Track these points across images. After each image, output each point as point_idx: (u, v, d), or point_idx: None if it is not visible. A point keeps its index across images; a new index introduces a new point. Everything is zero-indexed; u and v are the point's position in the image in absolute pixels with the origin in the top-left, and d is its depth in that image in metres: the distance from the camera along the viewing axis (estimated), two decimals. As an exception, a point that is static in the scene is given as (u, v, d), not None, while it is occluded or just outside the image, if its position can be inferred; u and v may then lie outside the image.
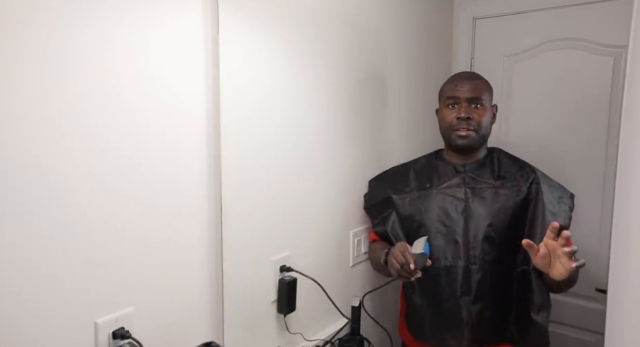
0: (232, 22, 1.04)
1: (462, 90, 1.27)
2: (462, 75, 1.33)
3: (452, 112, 1.28)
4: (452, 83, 1.31)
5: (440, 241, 1.27)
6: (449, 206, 1.29)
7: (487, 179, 1.29)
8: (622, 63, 1.64)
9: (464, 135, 1.26)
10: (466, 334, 1.25)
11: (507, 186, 1.27)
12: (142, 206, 0.90)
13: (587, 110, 1.72)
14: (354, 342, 1.35)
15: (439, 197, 1.31)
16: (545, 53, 1.80)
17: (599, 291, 1.71)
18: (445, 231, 1.28)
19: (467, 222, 1.26)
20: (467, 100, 1.26)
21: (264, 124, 1.15)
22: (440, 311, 1.29)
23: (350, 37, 1.41)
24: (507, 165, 1.32)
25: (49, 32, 0.75)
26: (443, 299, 1.28)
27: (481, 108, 1.27)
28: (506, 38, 1.89)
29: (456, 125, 1.27)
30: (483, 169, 1.31)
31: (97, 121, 0.82)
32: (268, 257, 1.19)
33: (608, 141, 1.68)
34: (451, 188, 1.31)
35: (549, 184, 1.29)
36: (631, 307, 0.68)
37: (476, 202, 1.27)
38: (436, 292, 1.29)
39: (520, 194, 1.26)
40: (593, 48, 1.70)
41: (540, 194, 1.25)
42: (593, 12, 1.69)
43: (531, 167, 1.32)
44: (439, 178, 1.34)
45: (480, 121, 1.26)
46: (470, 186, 1.29)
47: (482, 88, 1.28)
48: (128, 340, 0.87)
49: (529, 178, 1.28)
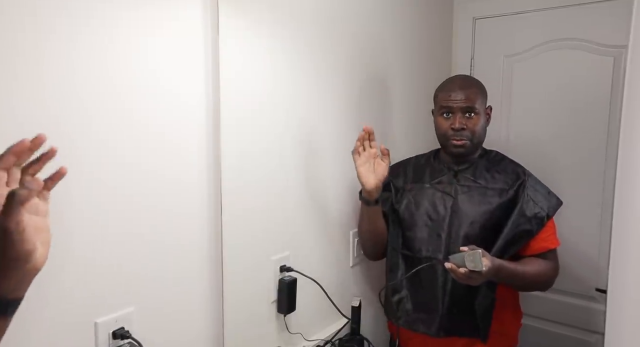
0: (233, 22, 1.04)
1: (456, 100, 1.29)
2: (455, 83, 1.34)
3: (446, 122, 1.31)
4: (445, 92, 1.32)
5: (424, 233, 1.32)
6: (438, 200, 1.33)
7: (478, 179, 1.33)
8: (622, 63, 1.64)
9: (459, 145, 1.30)
10: (437, 322, 1.29)
11: (495, 187, 1.31)
12: (142, 205, 0.90)
13: (587, 110, 1.72)
14: (354, 342, 1.36)
15: (430, 192, 1.35)
16: (545, 53, 1.80)
17: (599, 291, 1.71)
18: (431, 224, 1.32)
19: (452, 218, 1.30)
20: (461, 110, 1.29)
21: (264, 124, 1.15)
22: (416, 297, 1.34)
23: (351, 37, 1.41)
24: (500, 167, 1.35)
25: (48, 32, 0.75)
26: (422, 287, 1.32)
27: (475, 116, 1.30)
28: (506, 38, 1.89)
29: (451, 135, 1.31)
30: (476, 169, 1.35)
31: (96, 121, 0.82)
32: (268, 257, 1.19)
33: (608, 141, 1.68)
34: (442, 184, 1.35)
35: (534, 188, 1.31)
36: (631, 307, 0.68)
37: (463, 200, 1.31)
38: (415, 280, 1.33)
39: (506, 196, 1.29)
40: (593, 48, 1.70)
41: (522, 197, 1.28)
42: (593, 12, 1.69)
43: (523, 170, 1.34)
44: (433, 174, 1.39)
45: (474, 130, 1.30)
46: (460, 184, 1.34)
47: (475, 96, 1.30)
48: (128, 340, 0.87)
49: (517, 181, 1.30)
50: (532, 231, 1.26)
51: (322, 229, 1.36)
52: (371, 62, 1.52)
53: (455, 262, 1.10)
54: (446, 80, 1.39)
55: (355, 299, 1.37)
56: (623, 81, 0.74)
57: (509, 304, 1.35)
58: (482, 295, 1.27)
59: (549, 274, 1.29)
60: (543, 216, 1.27)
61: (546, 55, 1.80)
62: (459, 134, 1.29)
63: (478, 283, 1.13)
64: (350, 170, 1.45)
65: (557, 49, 1.77)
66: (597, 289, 1.71)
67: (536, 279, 1.26)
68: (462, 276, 1.09)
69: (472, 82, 1.35)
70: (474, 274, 1.08)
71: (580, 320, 1.76)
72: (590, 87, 1.71)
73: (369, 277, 1.57)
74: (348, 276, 1.48)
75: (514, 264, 1.23)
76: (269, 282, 1.20)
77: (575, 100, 1.74)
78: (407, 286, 1.35)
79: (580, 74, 1.73)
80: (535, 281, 1.27)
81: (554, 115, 1.79)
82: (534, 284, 1.30)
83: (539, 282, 1.29)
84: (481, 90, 1.33)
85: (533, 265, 1.26)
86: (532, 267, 1.25)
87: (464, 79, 1.38)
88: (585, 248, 1.72)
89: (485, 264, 1.08)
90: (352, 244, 1.48)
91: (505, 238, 1.25)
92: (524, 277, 1.23)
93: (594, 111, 1.70)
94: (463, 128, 1.28)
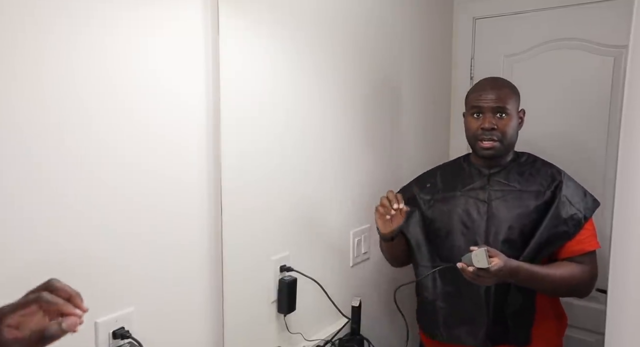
0: (233, 22, 1.04)
1: (486, 100, 1.26)
2: (486, 84, 1.31)
3: (476, 122, 1.28)
4: (476, 92, 1.30)
5: (461, 241, 1.28)
6: (471, 207, 1.30)
7: (512, 182, 1.29)
8: (622, 63, 1.63)
9: (488, 147, 1.27)
10: (483, 332, 1.26)
11: (531, 190, 1.27)
12: (142, 205, 0.90)
13: (587, 110, 1.71)
14: (354, 342, 1.36)
15: (463, 200, 1.32)
16: (545, 53, 1.80)
17: (599, 291, 1.70)
18: (466, 231, 1.28)
19: (488, 224, 1.27)
20: (492, 110, 1.26)
21: (265, 125, 1.15)
22: (457, 308, 1.30)
23: (351, 37, 1.41)
24: (534, 169, 1.31)
25: (48, 32, 0.75)
26: (463, 297, 1.28)
27: (506, 117, 1.26)
28: (506, 38, 1.89)
29: (480, 135, 1.27)
30: (508, 173, 1.31)
31: (96, 121, 0.82)
32: (268, 257, 1.19)
33: (608, 141, 1.68)
34: (475, 190, 1.31)
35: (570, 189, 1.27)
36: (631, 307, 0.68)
37: (498, 205, 1.27)
38: (455, 290, 1.30)
39: (542, 198, 1.25)
40: (593, 48, 1.70)
41: (558, 198, 1.24)
42: (593, 12, 1.68)
43: (559, 171, 1.31)
44: (464, 181, 1.35)
45: (504, 131, 1.26)
46: (493, 189, 1.30)
47: (507, 96, 1.27)
48: (128, 340, 0.87)
49: (553, 182, 1.27)
50: (568, 232, 1.21)
51: (322, 229, 1.36)
52: (371, 62, 1.52)
53: (465, 262, 1.10)
54: (479, 81, 1.36)
55: (355, 299, 1.37)
56: (623, 81, 0.74)
57: (549, 308, 1.30)
58: (522, 301, 1.23)
59: (583, 277, 1.22)
60: (580, 218, 1.22)
61: (546, 55, 1.80)
62: (489, 135, 1.25)
63: (490, 283, 1.12)
64: (350, 170, 1.45)
65: (557, 49, 1.77)
66: (597, 289, 1.71)
67: (565, 282, 1.20)
68: (471, 275, 1.08)
69: (504, 83, 1.32)
70: (482, 271, 1.07)
71: (580, 320, 1.75)
72: (590, 87, 1.71)
73: (369, 277, 1.57)
74: (348, 276, 1.48)
75: (538, 267, 1.18)
76: (269, 282, 1.20)
77: (575, 101, 1.74)
78: (444, 297, 1.31)
79: (580, 74, 1.73)
80: (564, 285, 1.20)
81: (554, 115, 1.79)
82: (564, 287, 1.22)
83: (570, 286, 1.21)
84: (514, 91, 1.30)
85: (563, 268, 1.21)
86: (560, 270, 1.20)
87: (496, 80, 1.35)
88: (585, 248, 1.72)
89: (494, 262, 1.06)
90: (352, 244, 1.48)
91: (539, 240, 1.21)
92: (547, 279, 1.18)
93: (594, 111, 1.70)
94: (493, 128, 1.24)
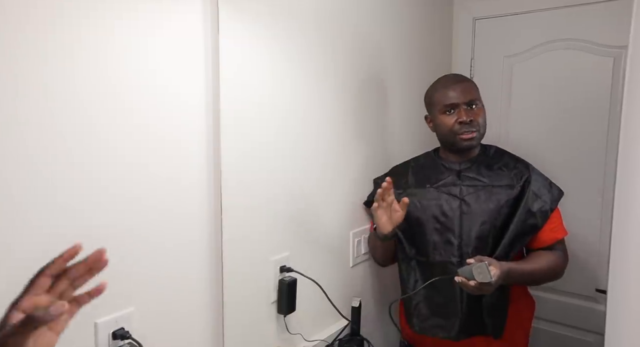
0: (233, 23, 1.04)
1: (458, 95, 1.28)
2: (450, 80, 1.33)
3: (451, 118, 1.29)
4: (442, 90, 1.31)
5: (435, 237, 1.31)
6: (445, 203, 1.32)
7: (482, 177, 1.32)
8: (622, 63, 1.63)
9: (470, 138, 1.28)
10: (457, 326, 1.29)
11: (501, 185, 1.30)
12: (142, 206, 0.90)
13: (587, 111, 1.71)
14: (354, 342, 1.35)
15: (435, 195, 1.34)
16: (545, 53, 1.80)
17: (599, 291, 1.70)
18: (440, 227, 1.31)
19: (462, 219, 1.29)
20: (465, 104, 1.28)
21: (264, 125, 1.15)
22: (433, 303, 1.33)
23: (351, 37, 1.41)
24: (502, 163, 1.34)
25: (48, 32, 0.75)
26: (437, 293, 1.31)
27: (478, 107, 1.30)
28: (506, 38, 1.89)
29: (459, 129, 1.28)
30: (479, 167, 1.33)
31: (96, 121, 0.82)
32: (268, 257, 1.19)
33: (608, 141, 1.68)
34: (447, 186, 1.34)
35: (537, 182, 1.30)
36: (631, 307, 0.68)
37: (471, 201, 1.30)
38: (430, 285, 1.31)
39: (512, 193, 1.28)
40: (593, 48, 1.70)
41: (527, 193, 1.28)
42: (593, 12, 1.68)
43: (525, 164, 1.34)
44: (436, 176, 1.37)
45: (480, 120, 1.29)
46: (465, 184, 1.32)
47: (473, 88, 1.32)
48: (128, 340, 0.87)
49: (522, 177, 1.30)
50: (537, 224, 1.26)
51: (322, 229, 1.36)
52: (371, 62, 1.52)
53: (464, 275, 1.09)
54: (435, 82, 1.37)
55: (355, 299, 1.37)
56: (623, 81, 0.74)
57: (522, 296, 1.36)
58: (498, 293, 1.25)
59: (560, 265, 1.29)
60: (547, 209, 1.27)
61: (546, 56, 1.80)
62: (468, 127, 1.27)
63: (490, 292, 1.13)
64: (351, 171, 1.45)
65: (557, 49, 1.77)
66: (597, 289, 1.71)
67: (547, 273, 1.26)
68: (473, 289, 1.09)
69: (464, 77, 1.36)
70: (484, 285, 1.07)
71: (580, 320, 1.75)
72: (590, 88, 1.71)
73: (369, 277, 1.57)
74: (348, 276, 1.48)
75: (523, 264, 1.23)
76: (269, 283, 1.20)
77: (575, 101, 1.74)
78: (422, 291, 1.34)
79: (580, 74, 1.73)
80: (545, 275, 1.27)
81: (554, 115, 1.79)
82: (544, 278, 1.29)
83: (549, 275, 1.28)
84: (475, 83, 1.35)
85: (542, 260, 1.26)
86: (541, 262, 1.26)
87: (456, 75, 1.38)
88: (585, 248, 1.72)
89: (493, 273, 1.07)
90: (352, 244, 1.48)
91: (511, 235, 1.25)
92: (534, 274, 1.24)
93: (594, 111, 1.70)
94: (472, 120, 1.27)
